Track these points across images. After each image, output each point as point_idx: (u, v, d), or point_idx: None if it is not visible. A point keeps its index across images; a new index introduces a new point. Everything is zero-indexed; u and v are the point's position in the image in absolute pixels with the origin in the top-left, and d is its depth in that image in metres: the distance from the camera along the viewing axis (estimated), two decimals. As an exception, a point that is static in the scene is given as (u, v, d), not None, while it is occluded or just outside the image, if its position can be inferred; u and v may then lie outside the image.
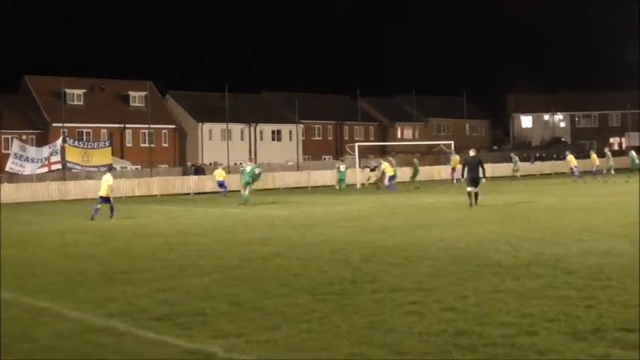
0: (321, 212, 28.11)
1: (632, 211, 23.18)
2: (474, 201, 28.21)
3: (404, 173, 52.99)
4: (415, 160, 55.54)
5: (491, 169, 64.24)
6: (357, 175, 54.19)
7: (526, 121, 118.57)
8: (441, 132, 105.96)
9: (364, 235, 19.01)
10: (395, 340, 8.19)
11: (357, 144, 60.67)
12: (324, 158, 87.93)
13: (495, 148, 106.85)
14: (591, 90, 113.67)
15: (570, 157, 49.85)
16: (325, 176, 59.06)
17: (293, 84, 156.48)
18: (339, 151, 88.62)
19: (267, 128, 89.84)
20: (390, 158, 50.04)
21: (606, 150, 53.24)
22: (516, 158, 55.28)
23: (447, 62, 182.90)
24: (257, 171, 36.04)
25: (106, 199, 28.24)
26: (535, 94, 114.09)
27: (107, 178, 28.72)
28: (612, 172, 49.41)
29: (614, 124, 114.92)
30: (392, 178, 45.71)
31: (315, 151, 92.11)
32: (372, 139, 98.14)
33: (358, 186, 52.57)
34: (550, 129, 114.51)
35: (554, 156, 79.09)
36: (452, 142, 61.26)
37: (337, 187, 47.51)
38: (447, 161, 61.07)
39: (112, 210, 28.13)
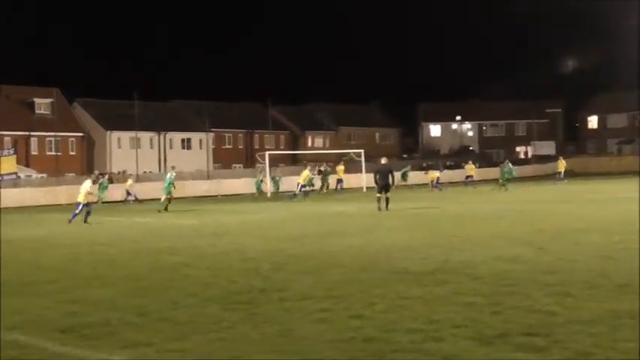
0: (231, 221, 27.99)
1: (538, 218, 23.80)
2: (383, 206, 28.98)
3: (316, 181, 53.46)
4: (323, 168, 56.03)
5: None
6: (268, 184, 54.13)
7: (435, 129, 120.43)
8: (351, 140, 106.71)
9: (275, 244, 18.99)
10: (304, 348, 8.22)
11: (267, 152, 60.63)
12: (235, 167, 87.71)
13: (405, 156, 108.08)
14: (498, 99, 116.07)
15: (470, 166, 53.30)
16: (236, 185, 58.89)
17: (203, 92, 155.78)
18: (249, 160, 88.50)
19: (177, 137, 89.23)
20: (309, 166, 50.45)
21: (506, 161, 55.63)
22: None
23: (358, 71, 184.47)
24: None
25: (85, 205, 29.04)
26: (444, 103, 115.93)
27: (86, 185, 29.56)
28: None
29: (521, 133, 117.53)
30: (303, 186, 46.02)
31: (226, 159, 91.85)
32: (282, 147, 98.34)
33: (268, 194, 52.51)
34: (458, 138, 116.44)
35: (463, 165, 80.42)
36: (362, 151, 61.67)
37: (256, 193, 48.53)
38: (357, 170, 61.42)
39: (87, 214, 28.89)
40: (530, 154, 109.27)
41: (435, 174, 53.32)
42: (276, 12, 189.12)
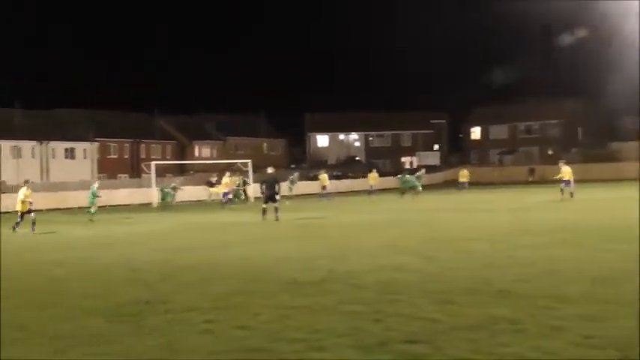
0: (118, 232, 27.57)
1: (426, 228, 24.24)
2: (272, 216, 29.00)
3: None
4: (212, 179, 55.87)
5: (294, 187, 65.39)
6: (154, 194, 53.51)
7: (322, 140, 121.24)
8: (239, 150, 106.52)
9: (161, 255, 18.79)
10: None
11: (153, 162, 59.95)
12: (120, 177, 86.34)
13: (293, 166, 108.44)
14: (385, 110, 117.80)
15: (373, 175, 54.11)
16: (122, 195, 57.97)
17: (89, 101, 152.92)
18: (135, 170, 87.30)
19: (60, 146, 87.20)
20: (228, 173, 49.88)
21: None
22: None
23: (247, 82, 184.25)
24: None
25: (26, 212, 28.79)
26: (330, 114, 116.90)
27: (19, 194, 29.51)
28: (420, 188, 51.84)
29: (406, 144, 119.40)
30: (227, 194, 45.82)
31: (112, 169, 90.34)
32: (169, 157, 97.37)
33: (154, 205, 51.86)
34: (345, 148, 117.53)
35: (350, 174, 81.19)
36: (249, 161, 61.65)
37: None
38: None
39: (33, 223, 28.47)
40: (415, 164, 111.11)
41: (325, 180, 53.78)
42: (170, 23, 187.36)
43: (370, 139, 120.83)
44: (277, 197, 30.53)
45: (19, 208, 29.29)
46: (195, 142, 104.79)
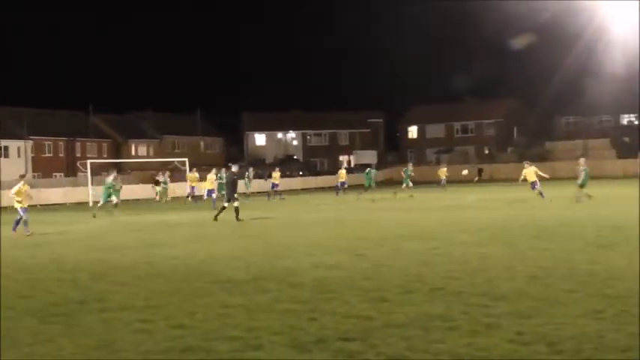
0: (52, 231, 27.17)
1: (361, 226, 24.37)
2: (232, 216, 28.66)
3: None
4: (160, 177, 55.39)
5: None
6: (90, 193, 52.88)
7: (260, 138, 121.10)
8: (176, 149, 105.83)
9: (95, 254, 18.59)
10: (122, 359, 8.13)
11: (89, 161, 59.25)
12: (56, 175, 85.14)
13: (230, 164, 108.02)
14: (322, 110, 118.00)
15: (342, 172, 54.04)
16: (57, 194, 57.14)
17: (21, 98, 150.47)
18: (70, 169, 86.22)
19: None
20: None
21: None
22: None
23: (182, 79, 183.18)
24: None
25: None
26: (268, 113, 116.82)
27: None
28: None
29: (344, 143, 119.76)
30: (211, 191, 45.13)
31: (46, 168, 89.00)
32: (105, 155, 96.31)
33: (90, 204, 51.22)
34: (283, 147, 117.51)
35: (287, 173, 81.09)
36: (186, 159, 61.24)
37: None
38: (182, 178, 60.89)
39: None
40: (353, 163, 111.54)
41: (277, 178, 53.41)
42: (98, 19, 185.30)
43: (308, 137, 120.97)
44: (236, 196, 30.04)
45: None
46: (131, 140, 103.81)
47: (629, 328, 8.74)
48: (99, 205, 37.97)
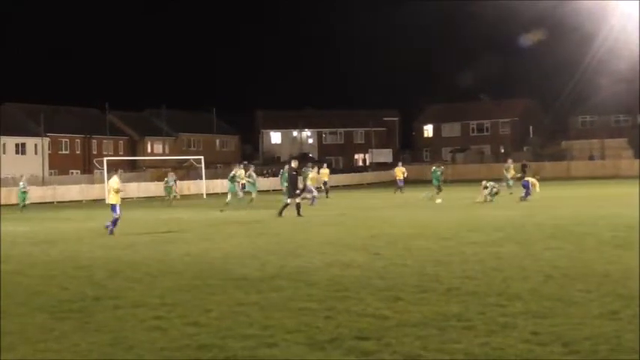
0: (66, 228, 27.23)
1: (373, 224, 24.31)
2: (290, 212, 28.77)
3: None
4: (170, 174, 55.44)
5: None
6: (105, 191, 52.98)
7: (275, 137, 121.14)
8: (191, 147, 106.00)
9: (109, 251, 18.61)
10: (136, 357, 8.13)
11: (105, 158, 59.42)
12: (72, 173, 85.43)
13: (246, 162, 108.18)
14: (337, 108, 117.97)
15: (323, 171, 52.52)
16: (73, 191, 57.38)
17: (38, 96, 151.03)
18: (87, 166, 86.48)
19: (11, 141, 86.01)
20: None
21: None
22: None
23: (198, 77, 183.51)
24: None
25: None
26: (283, 111, 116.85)
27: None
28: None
29: (359, 141, 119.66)
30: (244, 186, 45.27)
31: (63, 165, 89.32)
32: (121, 153, 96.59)
33: (107, 201, 51.27)
34: (298, 145, 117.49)
35: (303, 170, 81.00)
36: (202, 157, 61.34)
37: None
38: (197, 176, 61.03)
39: None
40: (368, 162, 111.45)
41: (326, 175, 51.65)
42: (115, 16, 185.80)
43: (323, 136, 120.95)
44: (298, 192, 29.94)
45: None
46: (147, 137, 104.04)
47: (645, 329, 8.67)
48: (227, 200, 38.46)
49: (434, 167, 42.80)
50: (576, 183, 47.03)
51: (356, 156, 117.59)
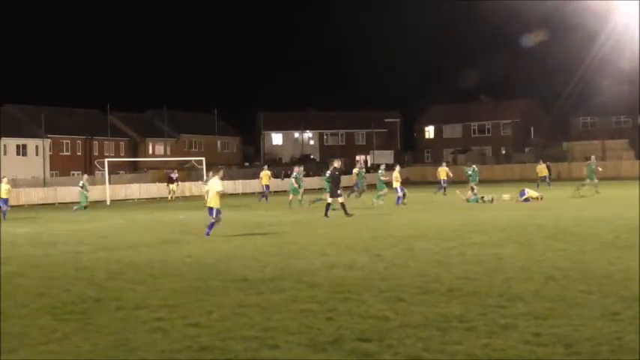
0: (67, 229, 27.23)
1: (375, 225, 24.31)
2: (334, 212, 29.16)
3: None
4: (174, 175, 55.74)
5: (242, 185, 65.21)
6: (107, 191, 53.10)
7: (276, 138, 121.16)
8: (192, 148, 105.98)
9: (111, 253, 18.61)
10: (138, 358, 8.13)
11: (107, 160, 59.46)
12: (73, 174, 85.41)
13: (247, 164, 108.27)
14: (338, 109, 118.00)
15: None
16: (74, 192, 57.30)
17: (39, 97, 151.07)
18: (88, 167, 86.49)
19: (12, 142, 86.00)
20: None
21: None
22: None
23: (199, 78, 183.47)
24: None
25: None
26: (284, 112, 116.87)
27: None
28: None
29: (360, 143, 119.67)
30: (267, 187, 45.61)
31: (64, 166, 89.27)
32: (122, 154, 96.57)
33: (108, 202, 51.41)
34: (300, 146, 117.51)
35: (310, 173, 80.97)
36: (203, 159, 61.37)
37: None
38: (199, 177, 61.04)
39: None
40: (370, 163, 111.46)
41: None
42: (121, 18, 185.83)
43: (325, 137, 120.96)
44: (340, 192, 29.90)
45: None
46: (149, 139, 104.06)
47: (646, 330, 8.69)
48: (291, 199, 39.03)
49: (465, 167, 43.65)
50: (577, 184, 46.87)
51: (357, 157, 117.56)
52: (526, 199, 35.65)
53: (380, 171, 40.86)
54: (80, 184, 43.35)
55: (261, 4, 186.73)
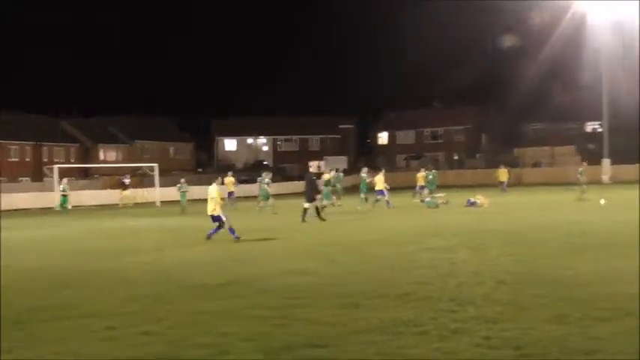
0: (15, 237, 26.78)
1: (332, 232, 24.33)
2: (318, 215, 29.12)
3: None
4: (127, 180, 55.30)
5: (198, 190, 64.77)
6: (57, 198, 52.38)
7: (230, 144, 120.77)
8: (145, 154, 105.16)
9: (59, 260, 18.38)
10: (88, 367, 8.05)
11: (56, 166, 58.73)
12: (22, 180, 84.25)
13: (200, 170, 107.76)
14: (292, 115, 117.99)
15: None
16: (23, 199, 56.56)
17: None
18: (37, 173, 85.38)
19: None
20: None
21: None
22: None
23: (151, 83, 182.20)
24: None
25: None
26: (238, 119, 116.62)
27: None
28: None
29: (314, 148, 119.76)
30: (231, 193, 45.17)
31: (12, 172, 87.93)
32: (73, 160, 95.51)
33: (56, 208, 50.73)
34: (254, 152, 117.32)
35: (258, 179, 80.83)
36: (156, 165, 60.91)
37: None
38: (151, 184, 60.56)
39: None
40: (322, 169, 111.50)
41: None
42: (67, 18, 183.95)
43: (278, 143, 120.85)
44: (317, 197, 29.90)
45: None
46: (100, 145, 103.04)
47: (592, 332, 8.83)
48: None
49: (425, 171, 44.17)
50: (528, 189, 47.43)
51: (310, 163, 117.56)
52: (472, 203, 35.81)
53: (362, 174, 41.17)
54: (61, 188, 43.27)
55: (219, 11, 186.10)
